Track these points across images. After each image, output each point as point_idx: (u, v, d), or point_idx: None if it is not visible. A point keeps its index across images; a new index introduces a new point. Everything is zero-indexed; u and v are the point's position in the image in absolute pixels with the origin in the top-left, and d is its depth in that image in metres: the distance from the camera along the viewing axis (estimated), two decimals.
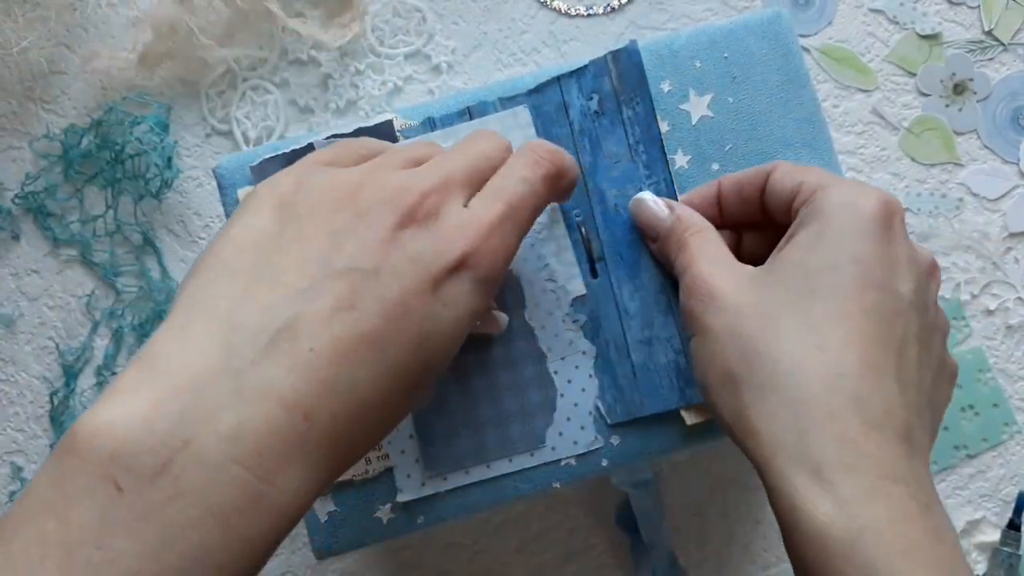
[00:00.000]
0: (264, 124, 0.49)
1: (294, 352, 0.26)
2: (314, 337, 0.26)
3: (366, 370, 0.26)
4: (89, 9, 0.49)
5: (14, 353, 0.48)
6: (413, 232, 0.28)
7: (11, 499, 0.47)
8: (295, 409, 0.25)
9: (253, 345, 0.26)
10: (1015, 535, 0.46)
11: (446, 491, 0.37)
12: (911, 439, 0.29)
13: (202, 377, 0.25)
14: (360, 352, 0.26)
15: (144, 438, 0.24)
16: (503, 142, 0.32)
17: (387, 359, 0.27)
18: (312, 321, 0.26)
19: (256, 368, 0.25)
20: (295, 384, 0.25)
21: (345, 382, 0.26)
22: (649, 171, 0.38)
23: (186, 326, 0.26)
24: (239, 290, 0.27)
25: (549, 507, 0.47)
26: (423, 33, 0.49)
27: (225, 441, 0.24)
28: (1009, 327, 0.48)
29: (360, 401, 0.26)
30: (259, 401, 0.25)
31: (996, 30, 0.50)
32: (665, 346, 0.37)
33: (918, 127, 0.49)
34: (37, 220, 0.49)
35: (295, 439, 0.25)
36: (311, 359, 0.26)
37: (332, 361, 0.26)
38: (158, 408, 0.24)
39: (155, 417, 0.24)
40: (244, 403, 0.25)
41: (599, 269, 0.38)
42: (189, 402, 0.25)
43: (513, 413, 0.37)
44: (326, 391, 0.26)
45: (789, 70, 0.39)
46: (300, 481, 0.25)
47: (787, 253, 0.32)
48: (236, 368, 0.25)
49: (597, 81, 0.38)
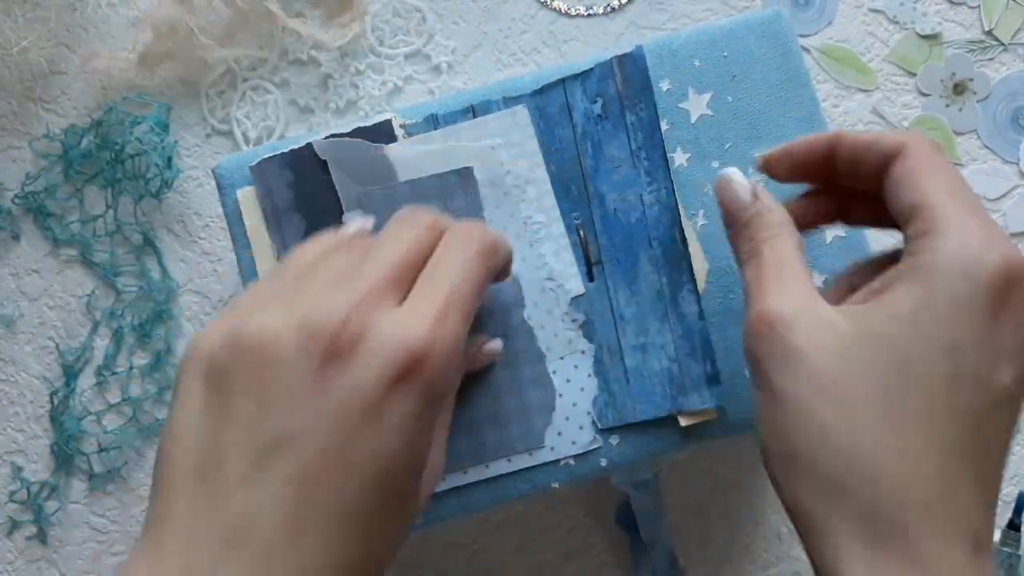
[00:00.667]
0: (264, 124, 0.49)
1: (251, 550, 0.25)
2: (266, 527, 0.25)
3: (327, 539, 0.26)
4: (89, 9, 0.49)
5: (14, 353, 0.48)
6: (339, 367, 0.26)
7: (11, 499, 0.47)
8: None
9: (211, 553, 0.25)
10: (1015, 535, 0.46)
11: (445, 491, 0.37)
12: (980, 544, 0.27)
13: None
14: (315, 522, 0.26)
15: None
16: (430, 223, 0.31)
17: (347, 516, 0.26)
18: (260, 511, 0.26)
19: (222, 564, 0.25)
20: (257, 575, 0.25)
21: (310, 557, 0.26)
22: (651, 177, 0.38)
23: (146, 550, 0.26)
24: (193, 492, 0.26)
25: (549, 507, 0.47)
26: (423, 33, 0.49)
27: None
28: None
29: (336, 568, 0.26)
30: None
31: (996, 30, 0.50)
32: (659, 353, 0.37)
33: (918, 127, 0.49)
34: (37, 220, 0.49)
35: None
36: (270, 547, 0.25)
37: (292, 541, 0.26)
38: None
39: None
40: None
41: (596, 273, 0.38)
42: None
43: (512, 413, 0.37)
44: (294, 572, 0.25)
45: (789, 70, 0.39)
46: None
47: (879, 318, 0.28)
48: (192, 572, 0.25)
49: (602, 84, 0.38)
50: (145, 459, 0.47)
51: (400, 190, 0.38)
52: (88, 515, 0.47)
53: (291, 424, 0.26)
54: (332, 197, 0.38)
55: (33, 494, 0.47)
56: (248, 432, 0.26)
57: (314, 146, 0.38)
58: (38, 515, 0.47)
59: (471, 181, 0.38)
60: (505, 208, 0.38)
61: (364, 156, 0.38)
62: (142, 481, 0.47)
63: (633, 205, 0.38)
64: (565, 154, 0.38)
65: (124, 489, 0.47)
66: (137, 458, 0.47)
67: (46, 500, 0.47)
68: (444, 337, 0.27)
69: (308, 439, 0.26)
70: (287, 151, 0.38)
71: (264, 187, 0.38)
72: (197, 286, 0.48)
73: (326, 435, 0.26)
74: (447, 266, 0.29)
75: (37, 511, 0.47)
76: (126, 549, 0.47)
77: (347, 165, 0.38)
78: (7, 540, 0.47)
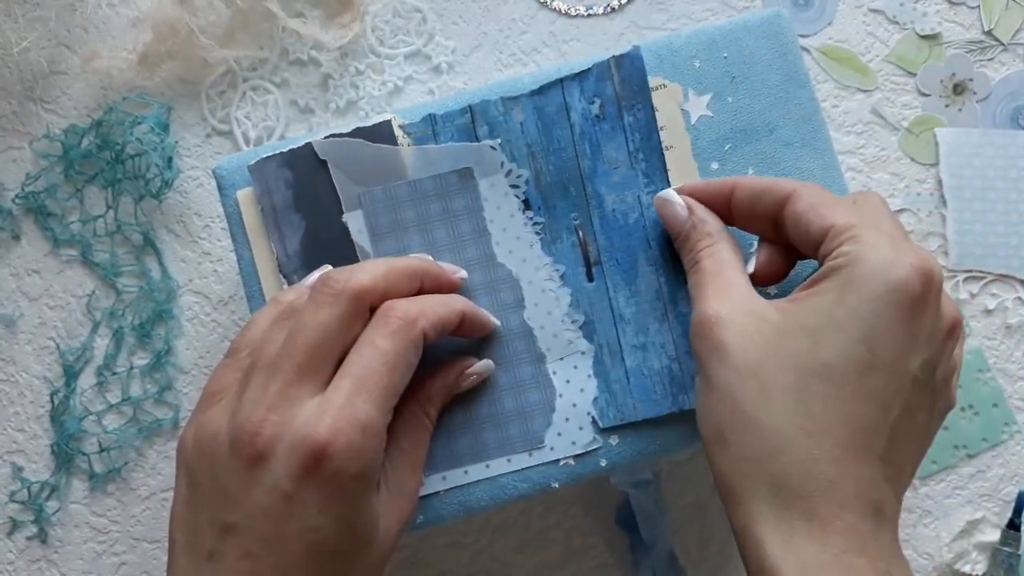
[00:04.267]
0: (264, 124, 0.49)
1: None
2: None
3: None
4: (89, 9, 0.49)
5: (14, 353, 0.48)
6: (261, 467, 0.31)
7: (11, 499, 0.47)
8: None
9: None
10: (1015, 535, 0.46)
11: (445, 491, 0.37)
12: (881, 513, 0.30)
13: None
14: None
15: None
16: (351, 294, 0.32)
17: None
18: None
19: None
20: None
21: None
22: (648, 179, 0.38)
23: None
24: (186, 569, 0.32)
25: (549, 507, 0.48)
26: (423, 33, 0.49)
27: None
28: (1008, 327, 0.48)
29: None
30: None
31: (996, 30, 0.50)
32: (659, 352, 0.37)
33: (918, 127, 0.49)
34: (37, 220, 0.49)
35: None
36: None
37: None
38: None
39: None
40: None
41: (595, 273, 0.38)
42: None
43: (512, 413, 0.37)
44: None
45: (788, 70, 0.39)
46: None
47: (803, 311, 0.31)
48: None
49: (600, 85, 0.38)
50: (145, 459, 0.47)
51: (400, 190, 0.38)
52: (88, 515, 0.47)
53: (234, 514, 0.31)
54: (332, 197, 0.38)
55: (33, 494, 0.47)
56: (210, 516, 0.31)
57: (314, 146, 0.38)
58: (38, 515, 0.47)
59: (471, 181, 0.38)
60: (505, 208, 0.38)
61: (364, 156, 0.38)
62: (142, 481, 0.47)
63: (631, 206, 0.38)
64: (563, 155, 0.38)
65: (124, 489, 0.47)
66: (137, 458, 0.47)
67: (46, 500, 0.47)
68: (347, 427, 0.30)
69: (248, 526, 0.31)
70: (287, 151, 0.38)
71: (264, 187, 0.38)
72: (197, 286, 0.48)
73: (260, 522, 0.31)
74: (359, 353, 0.32)
75: (37, 511, 0.47)
76: (126, 549, 0.47)
77: (347, 165, 0.38)
78: (7, 540, 0.48)
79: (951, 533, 0.48)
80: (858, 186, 0.49)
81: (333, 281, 0.33)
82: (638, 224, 0.38)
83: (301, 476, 0.30)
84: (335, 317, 0.32)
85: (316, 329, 0.32)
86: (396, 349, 0.32)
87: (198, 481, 0.32)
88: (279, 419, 0.31)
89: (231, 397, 0.33)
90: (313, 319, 0.32)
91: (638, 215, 0.38)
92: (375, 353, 0.32)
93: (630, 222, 0.38)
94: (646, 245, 0.38)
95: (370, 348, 0.32)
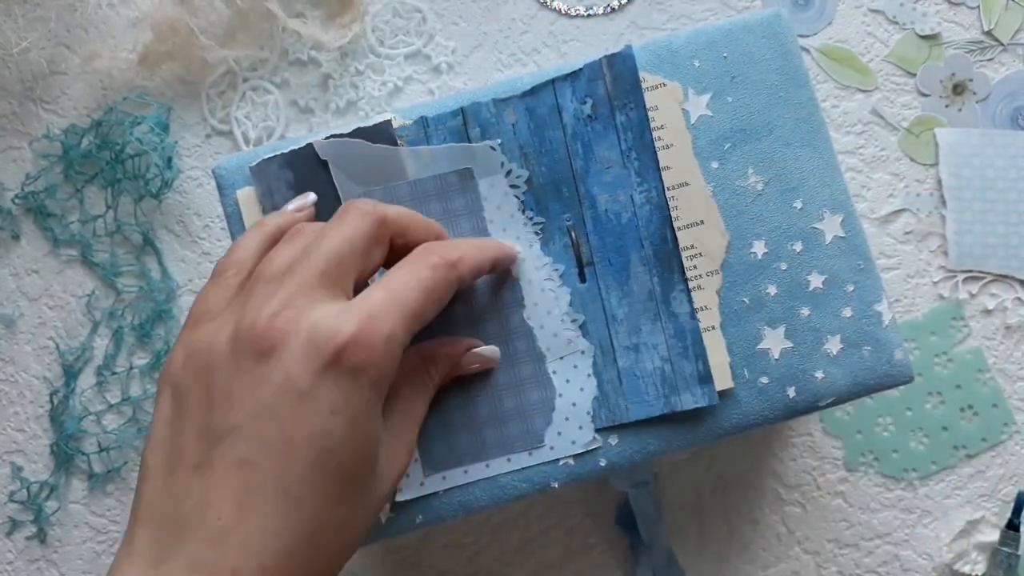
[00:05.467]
0: (264, 124, 0.49)
1: (206, 526, 0.28)
2: (217, 505, 0.28)
3: (273, 517, 0.28)
4: (89, 9, 0.49)
5: (14, 353, 0.48)
6: (272, 361, 0.29)
7: (11, 499, 0.47)
8: (223, 572, 0.27)
9: (174, 534, 0.28)
10: (1014, 535, 0.46)
11: (445, 490, 0.37)
12: None
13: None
14: (261, 502, 0.28)
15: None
16: (377, 218, 0.32)
17: (291, 496, 0.28)
18: (212, 496, 0.28)
19: (181, 548, 0.28)
20: (212, 554, 0.28)
21: (258, 534, 0.28)
22: (641, 178, 0.38)
23: (131, 540, 0.29)
24: (160, 488, 0.29)
25: (549, 507, 0.48)
26: (423, 33, 0.49)
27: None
28: (1008, 327, 0.48)
29: (285, 543, 0.28)
30: None
31: (996, 30, 0.50)
32: (652, 353, 0.37)
33: (918, 127, 0.49)
34: (37, 220, 0.49)
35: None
36: (221, 527, 0.28)
37: (240, 520, 0.28)
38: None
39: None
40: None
41: (588, 274, 0.38)
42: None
43: (512, 412, 0.37)
44: (245, 549, 0.28)
45: (788, 70, 0.39)
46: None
47: None
48: (159, 559, 0.28)
49: (591, 85, 0.38)
50: None
51: (400, 190, 0.38)
52: (88, 515, 0.47)
53: (233, 417, 0.28)
54: (332, 197, 0.38)
55: (33, 494, 0.47)
56: (199, 428, 0.29)
57: (314, 146, 0.38)
58: (38, 515, 0.47)
59: (471, 181, 0.38)
60: (505, 208, 0.38)
61: (365, 156, 0.38)
62: None
63: (624, 206, 0.38)
64: (555, 155, 0.38)
65: (124, 489, 0.47)
66: (137, 458, 0.47)
67: (46, 500, 0.47)
68: (372, 330, 0.29)
69: (248, 428, 0.28)
70: (287, 151, 0.38)
71: (264, 187, 0.38)
72: (197, 286, 0.48)
73: (265, 422, 0.28)
74: (397, 272, 0.31)
75: (37, 511, 0.47)
76: None
77: (347, 165, 0.38)
78: (7, 540, 0.48)
79: (951, 533, 0.48)
80: (858, 186, 0.49)
81: (361, 203, 0.32)
82: (631, 224, 0.38)
83: (318, 370, 0.28)
84: (362, 233, 0.31)
85: (343, 240, 0.31)
86: (436, 279, 0.32)
87: (186, 397, 0.30)
88: (294, 315, 0.29)
89: (228, 312, 0.31)
90: (339, 233, 0.31)
91: (631, 215, 0.38)
92: (414, 276, 0.31)
93: (623, 222, 0.38)
94: (639, 245, 0.38)
95: (410, 271, 0.31)
